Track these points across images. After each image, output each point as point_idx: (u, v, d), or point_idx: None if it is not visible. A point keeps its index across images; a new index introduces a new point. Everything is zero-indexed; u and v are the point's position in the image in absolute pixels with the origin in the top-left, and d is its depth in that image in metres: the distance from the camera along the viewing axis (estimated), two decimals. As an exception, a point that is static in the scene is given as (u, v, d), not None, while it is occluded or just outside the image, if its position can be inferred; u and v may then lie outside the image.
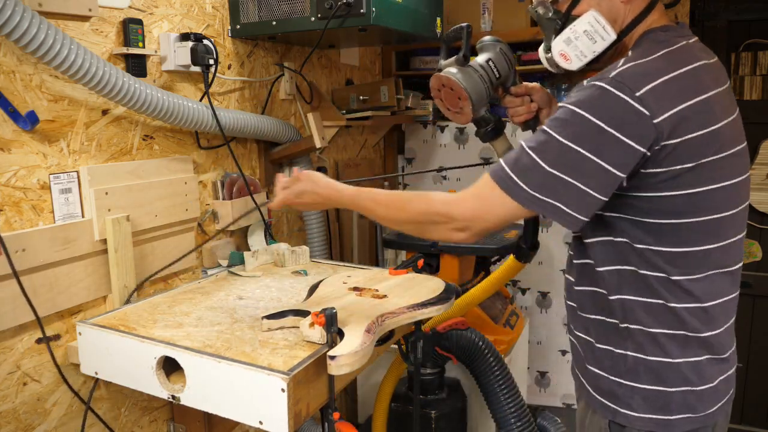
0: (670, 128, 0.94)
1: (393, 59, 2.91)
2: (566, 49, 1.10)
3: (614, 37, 1.06)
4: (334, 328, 1.12)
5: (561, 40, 1.10)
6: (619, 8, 1.06)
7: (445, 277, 1.58)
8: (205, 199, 1.79)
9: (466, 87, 1.25)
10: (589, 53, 1.09)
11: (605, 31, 1.06)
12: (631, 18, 1.06)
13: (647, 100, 0.93)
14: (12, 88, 1.25)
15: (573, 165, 0.96)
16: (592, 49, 1.08)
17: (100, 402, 1.48)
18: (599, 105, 0.94)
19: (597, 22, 1.06)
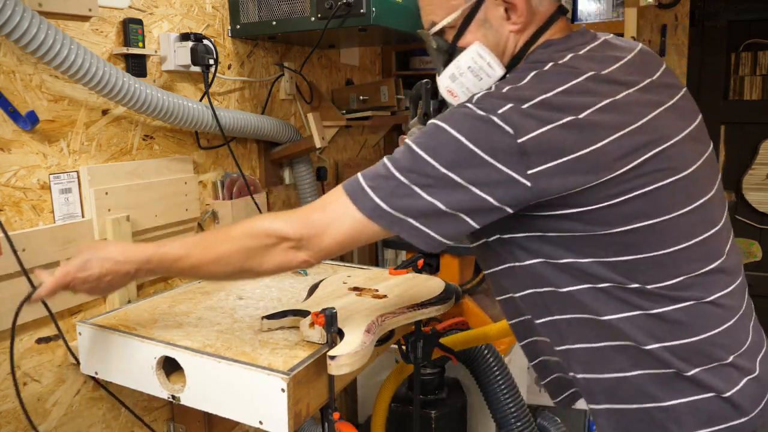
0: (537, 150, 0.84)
1: (393, 59, 2.91)
2: (452, 85, 1.00)
3: (501, 73, 0.96)
4: (334, 328, 1.12)
5: (446, 75, 1.00)
6: (509, 38, 0.96)
7: (445, 277, 1.58)
8: (205, 199, 1.79)
9: None
10: (476, 90, 0.97)
11: (490, 67, 0.96)
12: (522, 45, 0.96)
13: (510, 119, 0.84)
14: (12, 88, 1.25)
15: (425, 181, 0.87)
16: (479, 86, 0.98)
17: (100, 402, 1.48)
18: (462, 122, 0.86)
19: (481, 58, 0.96)
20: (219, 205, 1.81)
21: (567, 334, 0.96)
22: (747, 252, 2.96)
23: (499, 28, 0.96)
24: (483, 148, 0.84)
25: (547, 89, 0.85)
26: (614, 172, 0.84)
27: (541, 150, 0.83)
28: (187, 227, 1.69)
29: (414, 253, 2.05)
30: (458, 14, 0.97)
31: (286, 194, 2.21)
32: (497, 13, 0.95)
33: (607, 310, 0.91)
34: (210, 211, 1.80)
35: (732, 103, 2.87)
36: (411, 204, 0.87)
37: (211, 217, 1.81)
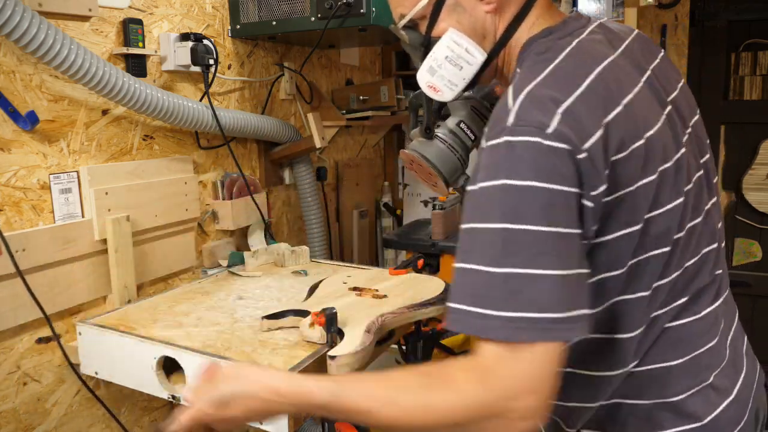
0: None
1: (393, 59, 2.91)
2: (432, 80, 0.92)
3: (482, 57, 0.88)
4: (334, 328, 1.12)
5: (424, 70, 0.92)
6: (485, 20, 0.87)
7: (445, 277, 1.58)
8: (205, 199, 1.79)
9: (433, 162, 1.11)
10: (459, 81, 0.91)
11: (469, 53, 0.88)
12: (503, 28, 0.87)
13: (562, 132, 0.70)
14: (12, 88, 1.25)
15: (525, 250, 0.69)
16: (461, 76, 0.90)
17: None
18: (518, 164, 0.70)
19: (458, 45, 0.88)
20: (219, 205, 1.81)
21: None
22: (747, 252, 2.96)
23: (472, 11, 0.87)
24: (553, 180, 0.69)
25: (576, 81, 0.75)
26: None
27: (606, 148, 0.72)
28: (187, 227, 1.70)
29: (414, 253, 2.06)
30: (425, 2, 0.89)
31: (286, 194, 2.21)
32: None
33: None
34: (210, 211, 1.80)
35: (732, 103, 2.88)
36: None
37: (211, 217, 1.81)
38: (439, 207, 2.05)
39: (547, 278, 0.68)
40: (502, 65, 0.92)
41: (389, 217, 2.94)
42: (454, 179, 1.15)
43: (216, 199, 1.82)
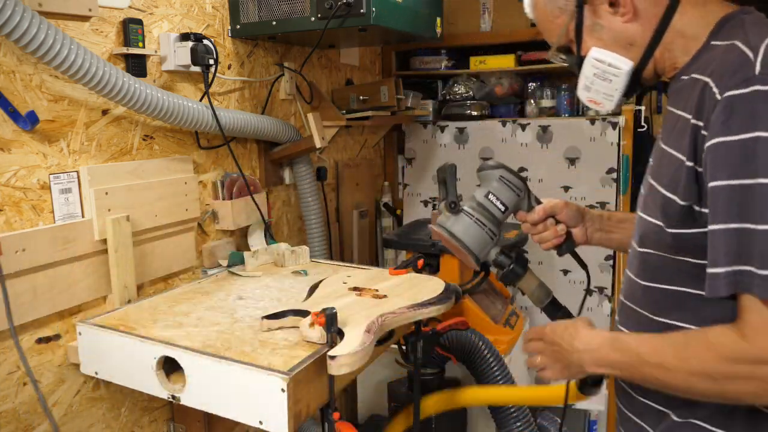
0: None
1: (393, 59, 2.91)
2: (590, 95, 1.01)
3: (628, 66, 0.95)
4: (334, 328, 1.12)
5: (581, 88, 1.01)
6: (627, 30, 0.95)
7: (445, 277, 1.58)
8: (205, 199, 1.79)
9: (461, 239, 1.11)
10: (614, 92, 0.98)
11: (613, 66, 0.96)
12: (651, 31, 0.94)
13: None
14: (12, 88, 1.25)
15: None
16: (613, 87, 0.98)
17: (100, 402, 1.48)
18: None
19: (601, 62, 0.97)
20: (219, 205, 1.81)
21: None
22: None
23: (611, 25, 0.95)
24: None
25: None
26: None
27: None
28: (187, 227, 1.70)
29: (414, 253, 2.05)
30: (565, 30, 0.99)
31: (286, 194, 2.21)
32: (602, 12, 0.95)
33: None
34: (210, 211, 1.80)
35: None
36: None
37: (211, 217, 1.81)
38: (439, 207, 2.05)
39: None
40: (663, 62, 0.96)
41: (389, 217, 2.94)
42: (485, 254, 1.14)
43: (216, 199, 1.82)
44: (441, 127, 2.87)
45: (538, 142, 2.69)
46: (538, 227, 1.19)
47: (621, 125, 2.53)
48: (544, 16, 1.03)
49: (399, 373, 2.06)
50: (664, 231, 0.90)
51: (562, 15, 0.99)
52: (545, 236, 1.19)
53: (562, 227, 1.19)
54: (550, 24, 1.02)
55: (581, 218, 1.21)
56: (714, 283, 0.80)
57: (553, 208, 1.18)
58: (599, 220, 1.24)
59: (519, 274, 1.18)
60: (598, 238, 1.24)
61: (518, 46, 2.68)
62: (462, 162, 2.86)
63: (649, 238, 0.95)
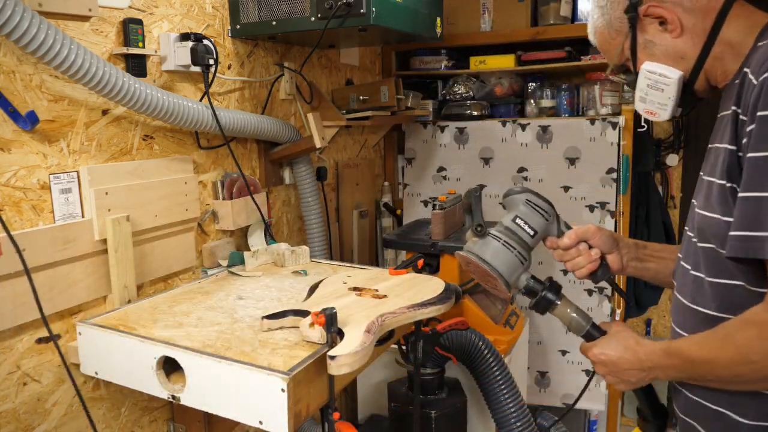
0: None
1: (393, 59, 2.91)
2: (645, 106, 1.09)
3: (677, 76, 1.03)
4: (334, 328, 1.12)
5: (638, 100, 1.09)
6: (677, 44, 1.02)
7: (445, 277, 1.58)
8: (205, 199, 1.79)
9: (490, 263, 1.08)
10: (666, 101, 1.05)
11: (664, 76, 1.03)
12: (700, 43, 1.01)
13: None
14: (12, 88, 1.25)
15: None
16: (666, 96, 1.05)
17: (100, 402, 1.48)
18: None
19: (652, 74, 1.04)
20: (219, 205, 1.81)
21: None
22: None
23: (662, 42, 1.04)
24: None
25: None
26: None
27: None
28: (187, 227, 1.70)
29: (414, 253, 2.06)
30: (620, 49, 1.08)
31: (286, 194, 2.21)
32: (654, 30, 1.04)
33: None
34: (210, 211, 1.80)
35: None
36: None
37: (211, 217, 1.81)
38: (439, 207, 2.05)
39: None
40: (714, 72, 1.03)
41: (389, 217, 2.94)
42: (515, 278, 1.11)
43: (216, 199, 1.82)
44: (441, 127, 2.87)
45: (538, 142, 2.69)
46: (570, 252, 1.16)
47: (621, 125, 2.53)
48: (603, 39, 1.12)
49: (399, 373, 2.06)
50: (722, 221, 0.93)
51: (618, 36, 1.08)
52: (578, 262, 1.16)
53: (596, 252, 1.16)
54: (609, 45, 1.11)
55: (615, 244, 1.19)
56: (733, 244, 0.87)
57: (585, 232, 1.16)
58: (634, 248, 1.23)
59: (552, 301, 1.13)
60: (633, 267, 1.23)
61: (518, 46, 2.68)
62: (462, 162, 2.86)
63: (711, 233, 0.97)
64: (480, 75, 2.78)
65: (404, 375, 1.99)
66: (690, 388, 1.05)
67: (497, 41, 2.69)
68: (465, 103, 2.77)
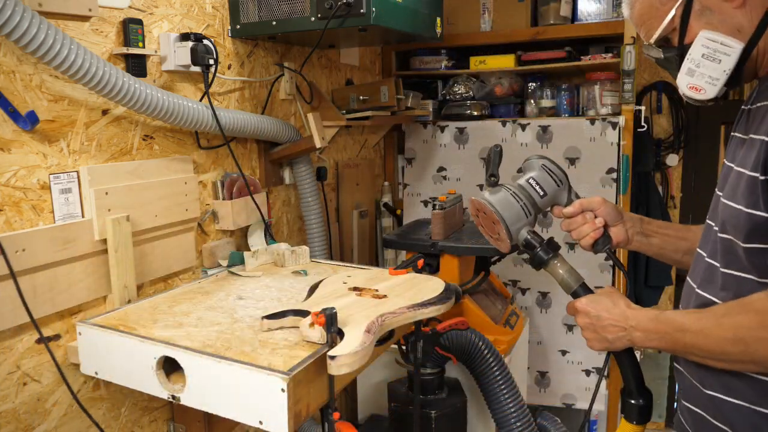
0: None
1: (393, 59, 2.91)
2: (692, 80, 1.01)
3: (741, 46, 0.95)
4: (334, 328, 1.12)
5: (683, 74, 1.01)
6: (736, 16, 0.96)
7: (445, 277, 1.58)
8: (205, 199, 1.79)
9: (496, 208, 1.13)
10: (719, 74, 0.98)
11: (726, 45, 0.96)
12: (757, 19, 0.95)
13: None
14: (12, 88, 1.25)
15: None
16: (721, 69, 0.97)
17: (100, 402, 1.48)
18: None
19: (713, 42, 0.97)
20: (219, 205, 1.81)
21: None
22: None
23: (720, 11, 0.97)
24: None
25: None
26: None
27: None
28: (187, 227, 1.70)
29: (414, 253, 2.06)
30: (673, 15, 1.00)
31: (286, 194, 2.21)
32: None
33: None
34: (210, 211, 1.80)
35: (732, 103, 2.88)
36: None
37: (211, 217, 1.81)
38: (439, 207, 2.05)
39: None
40: (762, 55, 0.97)
41: (389, 217, 2.94)
42: (517, 228, 1.16)
43: (216, 199, 1.82)
44: (441, 127, 2.87)
45: (538, 142, 2.69)
46: (576, 220, 1.20)
47: (621, 125, 2.53)
48: (649, 6, 1.03)
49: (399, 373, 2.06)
50: (743, 213, 0.92)
51: (670, 1, 1.00)
52: (583, 230, 1.19)
53: (600, 220, 1.19)
54: (657, 11, 1.02)
55: (620, 217, 1.22)
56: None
57: (591, 203, 1.19)
58: (639, 223, 1.25)
59: (545, 258, 1.18)
60: (638, 242, 1.25)
61: (518, 46, 2.68)
62: (462, 162, 2.86)
63: (731, 224, 0.96)
64: (480, 75, 2.78)
65: (404, 375, 1.99)
66: (701, 379, 1.03)
67: (497, 41, 2.69)
68: (465, 103, 2.77)
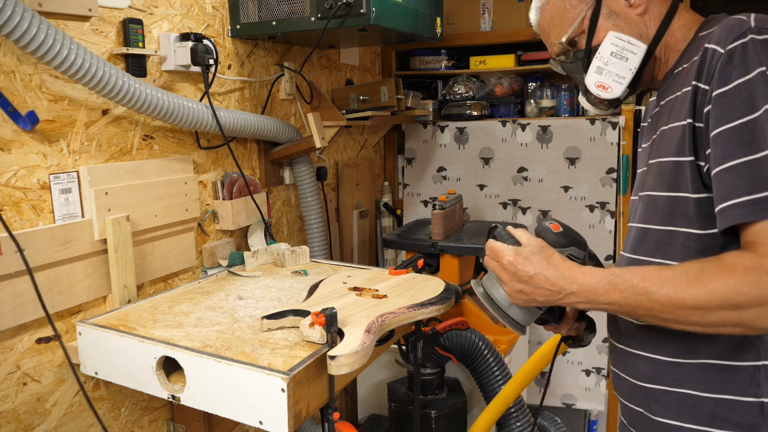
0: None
1: (393, 59, 2.91)
2: (600, 78, 1.05)
3: (645, 46, 1.02)
4: (334, 328, 1.13)
5: (592, 71, 1.06)
6: (638, 21, 1.03)
7: (445, 277, 1.58)
8: (205, 199, 1.79)
9: (486, 306, 1.05)
10: (626, 72, 1.03)
11: (632, 44, 1.02)
12: (655, 27, 1.03)
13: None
14: (12, 88, 1.25)
15: None
16: (627, 67, 1.03)
17: (100, 402, 1.48)
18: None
19: (621, 40, 1.02)
20: (219, 205, 1.81)
21: None
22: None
23: (626, 16, 1.03)
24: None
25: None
26: None
27: None
28: (187, 227, 1.70)
29: (414, 253, 2.06)
30: (582, 18, 1.06)
31: (286, 194, 2.21)
32: (620, 2, 1.04)
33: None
34: (210, 211, 1.80)
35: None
36: None
37: (211, 217, 1.81)
38: (439, 207, 2.05)
39: None
40: (662, 58, 1.05)
41: (389, 217, 2.94)
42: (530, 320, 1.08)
43: (216, 199, 1.82)
44: (441, 127, 2.87)
45: (538, 142, 2.70)
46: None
47: (621, 125, 2.53)
48: (559, 9, 1.08)
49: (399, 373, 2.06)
50: (680, 198, 0.92)
51: (580, 4, 1.06)
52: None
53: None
54: (566, 13, 1.07)
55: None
56: (731, 212, 0.82)
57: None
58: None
59: (581, 338, 1.15)
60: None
61: (518, 46, 2.68)
62: (462, 162, 2.86)
63: (662, 212, 0.96)
64: (480, 75, 2.78)
65: (404, 375, 1.99)
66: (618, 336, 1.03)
67: (497, 41, 2.69)
68: (465, 103, 2.77)
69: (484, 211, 2.85)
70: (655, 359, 0.99)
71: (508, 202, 2.80)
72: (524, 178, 2.74)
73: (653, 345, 0.99)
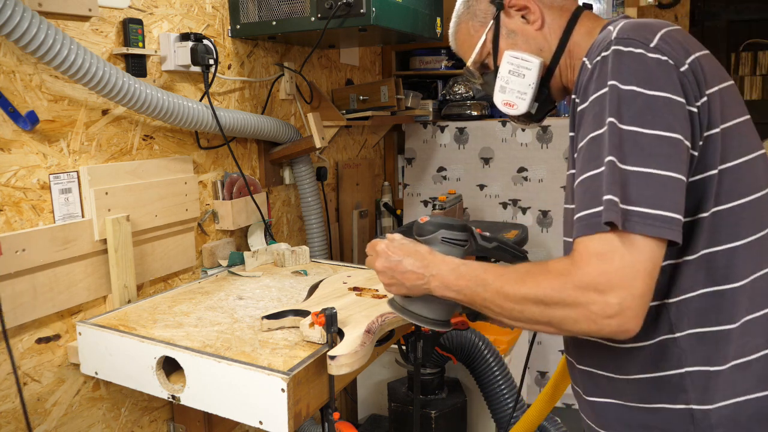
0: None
1: (393, 59, 2.91)
2: (504, 96, 1.08)
3: (539, 60, 1.04)
4: (334, 328, 1.13)
5: (497, 91, 1.09)
6: (537, 36, 1.05)
7: (445, 277, 1.58)
8: (205, 199, 1.79)
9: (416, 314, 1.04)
10: (525, 88, 1.06)
11: (526, 60, 1.04)
12: (556, 39, 1.04)
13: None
14: (12, 88, 1.25)
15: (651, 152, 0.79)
16: (526, 83, 1.05)
17: (100, 402, 1.48)
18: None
19: (515, 58, 1.05)
20: (219, 205, 1.81)
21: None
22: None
23: (524, 33, 1.06)
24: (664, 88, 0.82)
25: (654, 29, 0.88)
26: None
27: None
28: (187, 227, 1.70)
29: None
30: (483, 40, 1.09)
31: (286, 194, 2.21)
32: (517, 21, 1.06)
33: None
34: (210, 211, 1.80)
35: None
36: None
37: (211, 217, 1.81)
38: (439, 207, 2.05)
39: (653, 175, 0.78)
40: (566, 70, 1.06)
41: (389, 217, 2.94)
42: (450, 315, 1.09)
43: (216, 199, 1.82)
44: (441, 127, 2.87)
45: (538, 142, 2.70)
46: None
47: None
48: (465, 34, 1.12)
49: (399, 373, 2.06)
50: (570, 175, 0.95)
51: (482, 28, 1.09)
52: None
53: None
54: (471, 39, 1.11)
55: None
56: (575, 226, 0.84)
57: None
58: None
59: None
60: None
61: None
62: (462, 162, 2.86)
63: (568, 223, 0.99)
64: (480, 75, 2.78)
65: (404, 375, 1.99)
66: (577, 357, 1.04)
67: (497, 41, 2.69)
68: (465, 103, 2.77)
69: (484, 211, 2.85)
70: (593, 373, 0.99)
71: (508, 202, 2.80)
72: (524, 178, 2.75)
73: (595, 360, 0.99)
